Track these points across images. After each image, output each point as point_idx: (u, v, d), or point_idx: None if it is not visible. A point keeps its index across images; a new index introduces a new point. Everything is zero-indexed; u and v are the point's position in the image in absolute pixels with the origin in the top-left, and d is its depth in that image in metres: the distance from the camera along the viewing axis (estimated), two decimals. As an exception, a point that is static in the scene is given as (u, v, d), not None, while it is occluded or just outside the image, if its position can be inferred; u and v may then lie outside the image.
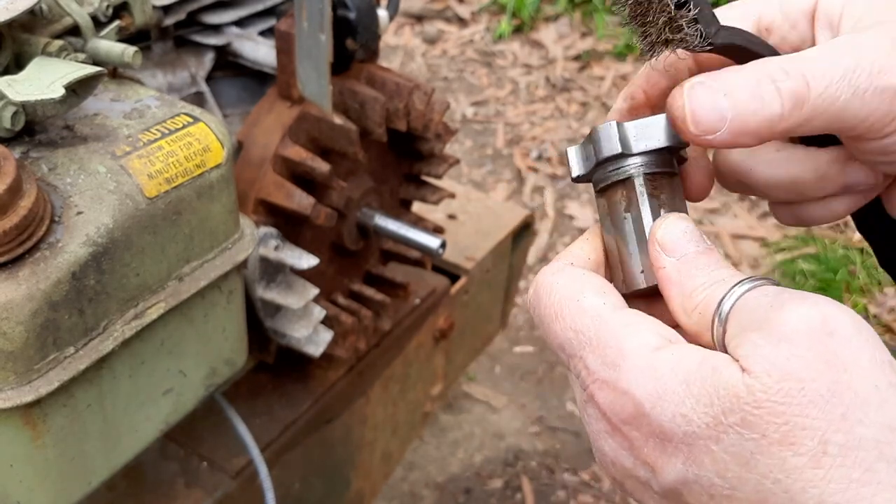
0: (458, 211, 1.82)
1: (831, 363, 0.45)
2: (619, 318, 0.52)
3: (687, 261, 0.52)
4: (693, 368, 0.48)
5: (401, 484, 2.28)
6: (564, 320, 0.53)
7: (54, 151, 0.90)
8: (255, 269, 1.19)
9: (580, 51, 3.93)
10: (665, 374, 0.48)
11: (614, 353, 0.50)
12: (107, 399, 0.94)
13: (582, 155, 0.58)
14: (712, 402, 0.46)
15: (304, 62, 1.15)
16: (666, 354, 0.49)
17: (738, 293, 0.50)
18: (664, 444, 0.48)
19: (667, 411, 0.48)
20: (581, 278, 0.54)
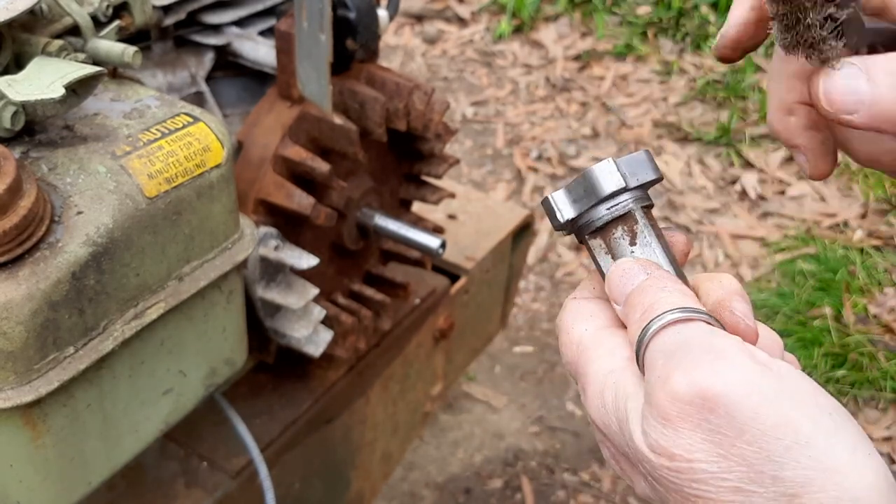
0: (458, 211, 1.82)
1: (717, 441, 0.46)
2: (594, 341, 0.55)
3: (626, 302, 0.55)
4: (620, 408, 0.51)
5: (401, 484, 2.28)
6: (563, 355, 0.58)
7: (54, 151, 0.90)
8: (255, 269, 1.19)
9: (580, 51, 3.93)
10: (608, 405, 0.52)
11: (583, 380, 0.55)
12: (107, 399, 0.94)
13: (570, 198, 0.59)
14: (630, 449, 0.50)
15: (304, 62, 1.15)
16: (611, 381, 0.52)
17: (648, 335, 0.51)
18: (628, 463, 0.52)
19: (614, 439, 0.52)
20: (574, 308, 0.58)
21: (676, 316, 0.51)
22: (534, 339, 2.69)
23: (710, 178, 3.22)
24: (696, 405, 0.46)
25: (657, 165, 0.59)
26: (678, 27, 3.98)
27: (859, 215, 3.05)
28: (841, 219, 3.03)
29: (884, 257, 2.87)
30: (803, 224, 3.02)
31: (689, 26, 3.97)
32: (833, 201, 3.11)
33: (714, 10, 4.01)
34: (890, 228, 2.99)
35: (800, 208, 3.09)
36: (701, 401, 0.46)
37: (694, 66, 3.82)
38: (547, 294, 2.83)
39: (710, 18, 3.98)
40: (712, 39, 3.89)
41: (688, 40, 3.94)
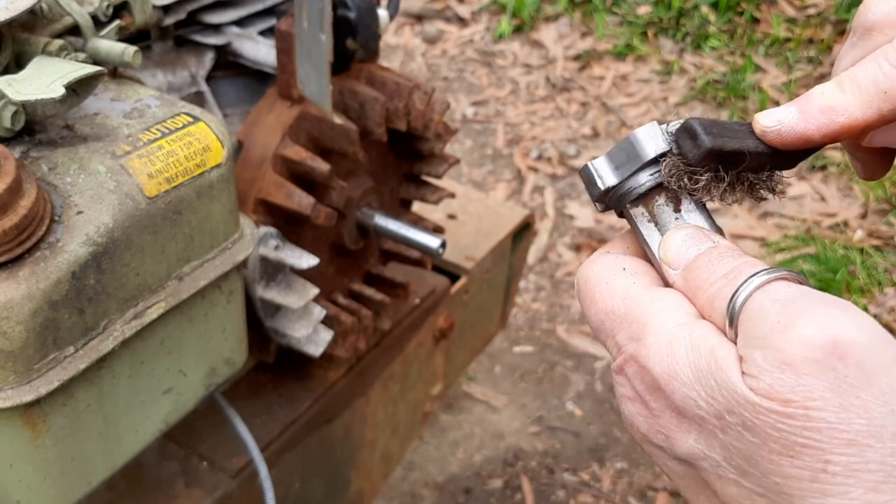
0: (458, 211, 1.82)
1: (841, 390, 0.44)
2: (648, 295, 0.53)
3: (689, 267, 0.53)
4: (703, 356, 0.48)
5: (401, 484, 2.28)
6: (597, 303, 0.54)
7: (54, 151, 0.90)
8: (255, 269, 1.19)
9: (580, 50, 3.93)
10: (679, 355, 0.49)
11: (639, 328, 0.51)
12: (107, 399, 0.94)
13: (611, 164, 0.56)
14: (715, 398, 0.47)
15: (304, 62, 1.15)
16: (684, 333, 0.50)
17: (745, 292, 0.49)
18: (679, 417, 0.50)
19: (678, 391, 0.49)
20: (613, 261, 0.56)
21: (778, 274, 0.49)
22: (534, 339, 2.69)
23: (711, 178, 3.22)
24: (826, 351, 0.44)
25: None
26: (678, 27, 3.98)
27: (859, 215, 3.05)
28: (841, 219, 3.03)
29: (884, 257, 2.87)
30: (803, 224, 3.02)
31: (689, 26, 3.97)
32: (833, 201, 3.11)
33: (714, 9, 4.01)
34: (890, 228, 2.99)
35: (800, 208, 3.09)
36: (832, 347, 0.44)
37: (694, 66, 3.82)
38: (547, 294, 2.83)
39: (711, 18, 3.98)
40: (713, 39, 3.90)
41: (688, 40, 3.94)
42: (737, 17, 3.99)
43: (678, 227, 0.55)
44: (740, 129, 0.54)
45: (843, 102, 0.52)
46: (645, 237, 0.56)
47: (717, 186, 0.54)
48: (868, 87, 0.52)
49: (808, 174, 3.22)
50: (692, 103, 3.63)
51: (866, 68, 0.52)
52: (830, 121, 0.52)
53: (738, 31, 3.93)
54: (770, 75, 3.70)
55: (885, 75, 0.51)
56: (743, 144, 0.53)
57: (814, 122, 0.53)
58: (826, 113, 0.52)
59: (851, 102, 0.52)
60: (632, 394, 0.52)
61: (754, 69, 3.73)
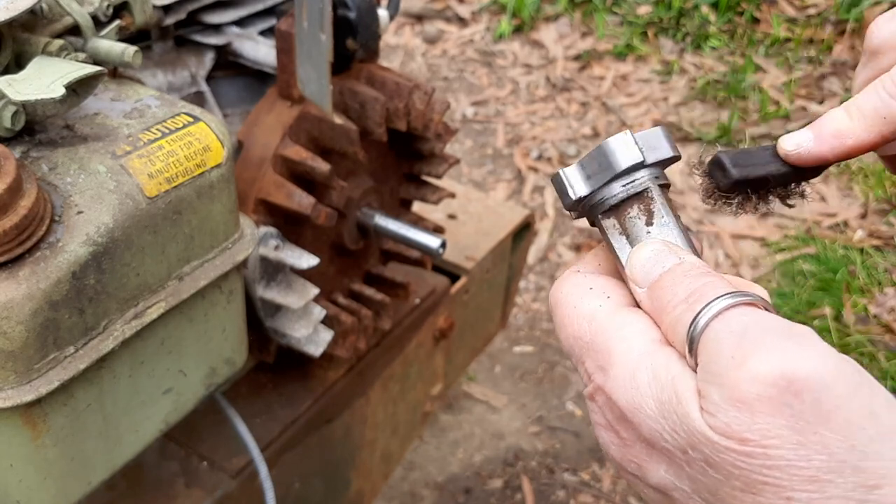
0: (458, 211, 1.82)
1: (798, 427, 0.44)
2: (614, 321, 0.53)
3: (654, 286, 0.53)
4: (665, 388, 0.49)
5: (401, 484, 2.28)
6: (566, 328, 0.55)
7: (54, 151, 0.90)
8: (255, 269, 1.19)
9: (580, 50, 3.93)
10: (642, 387, 0.50)
11: (604, 358, 0.52)
12: (107, 398, 0.94)
13: (583, 174, 0.56)
14: (678, 432, 0.48)
15: (305, 62, 1.15)
16: (647, 363, 0.50)
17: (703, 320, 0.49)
18: (649, 448, 0.50)
19: (644, 423, 0.49)
20: (582, 283, 0.56)
21: (738, 300, 0.49)
22: (534, 339, 2.69)
23: (711, 178, 3.21)
24: (780, 388, 0.44)
25: (674, 143, 0.57)
26: (678, 27, 3.98)
27: (859, 215, 3.05)
28: (841, 219, 3.03)
29: (884, 257, 2.87)
30: (803, 224, 3.02)
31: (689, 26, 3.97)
32: (833, 201, 3.11)
33: (714, 9, 4.01)
34: (890, 228, 2.99)
35: (800, 208, 3.09)
36: (786, 384, 0.44)
37: (694, 66, 3.82)
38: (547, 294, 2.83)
39: (711, 18, 3.98)
40: (713, 39, 3.89)
41: (688, 40, 3.94)
42: (737, 17, 3.99)
43: (645, 243, 0.54)
44: (763, 153, 0.61)
45: (851, 127, 0.60)
46: (616, 250, 0.56)
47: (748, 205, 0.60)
48: (870, 113, 0.59)
49: (809, 174, 3.22)
50: (692, 103, 3.63)
51: (868, 96, 0.59)
52: (841, 143, 0.59)
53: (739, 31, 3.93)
54: (770, 75, 3.70)
55: (884, 103, 0.59)
56: (766, 169, 0.60)
57: (827, 145, 0.60)
58: (837, 137, 0.60)
59: (857, 126, 0.59)
60: (604, 422, 0.53)
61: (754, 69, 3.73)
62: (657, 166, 0.56)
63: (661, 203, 0.56)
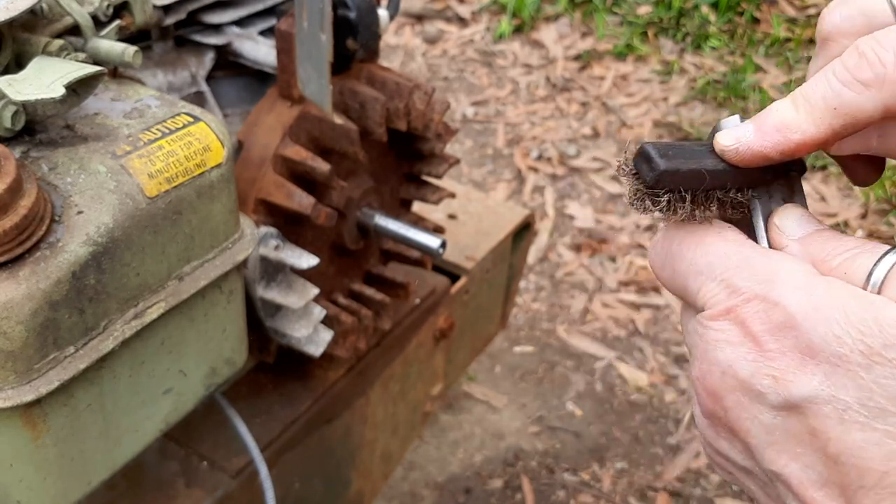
0: (458, 211, 1.82)
1: None
2: (769, 251, 0.51)
3: (808, 238, 0.52)
4: (850, 297, 0.47)
5: (401, 484, 2.28)
6: (707, 246, 0.52)
7: (54, 151, 0.90)
8: (255, 269, 1.19)
9: (580, 51, 3.93)
10: (822, 295, 0.47)
11: (768, 272, 0.49)
12: (107, 399, 0.94)
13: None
14: (871, 332, 0.45)
15: (305, 62, 1.15)
16: (821, 280, 0.48)
17: (891, 262, 0.48)
18: (805, 358, 0.47)
19: (819, 328, 0.47)
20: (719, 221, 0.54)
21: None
22: (534, 339, 2.69)
23: (711, 178, 3.22)
24: None
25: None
26: (678, 27, 3.98)
27: (859, 215, 3.05)
28: (841, 219, 3.04)
29: (884, 257, 2.87)
30: (803, 224, 3.01)
31: (689, 26, 3.97)
32: (833, 201, 3.11)
33: (714, 9, 4.01)
34: (890, 228, 2.99)
35: (800, 208, 3.09)
36: None
37: (694, 66, 3.82)
38: (547, 294, 2.83)
39: (711, 18, 3.98)
40: (713, 39, 3.90)
41: (688, 40, 3.94)
42: (737, 17, 3.99)
43: (795, 206, 0.54)
44: (699, 149, 0.54)
45: (797, 120, 0.52)
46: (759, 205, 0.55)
47: (681, 206, 0.53)
48: (818, 103, 0.51)
49: (808, 174, 3.22)
50: (692, 103, 3.63)
51: (816, 84, 0.52)
52: (786, 138, 0.52)
53: (739, 31, 3.93)
54: (770, 75, 3.71)
55: (833, 91, 0.51)
56: (701, 164, 0.53)
57: (769, 141, 0.52)
58: (781, 131, 0.52)
59: (804, 120, 0.52)
60: (737, 338, 0.49)
61: (754, 69, 3.73)
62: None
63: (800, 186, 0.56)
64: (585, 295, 2.82)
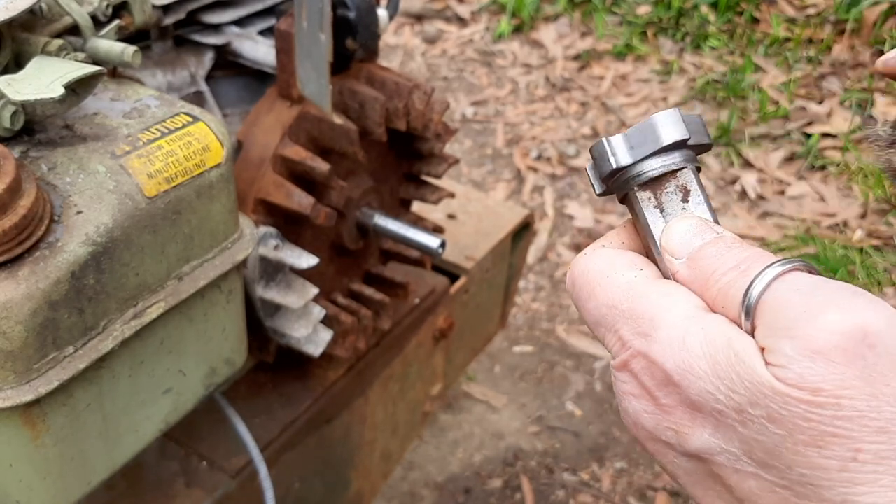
0: (457, 211, 1.82)
1: (871, 379, 0.44)
2: (653, 289, 0.52)
3: (695, 257, 0.52)
4: (720, 349, 0.47)
5: (400, 484, 2.28)
6: (598, 297, 0.53)
7: (54, 151, 0.90)
8: (254, 269, 1.19)
9: (580, 50, 3.93)
10: (694, 349, 0.48)
11: (647, 324, 0.50)
12: (106, 398, 0.94)
13: (627, 144, 0.56)
14: (736, 390, 0.46)
15: (304, 62, 1.15)
16: (696, 326, 0.49)
17: (762, 282, 0.48)
18: (693, 412, 0.49)
19: (694, 385, 0.48)
20: (612, 256, 0.55)
21: (795, 265, 0.48)
22: (534, 339, 2.69)
23: (710, 178, 3.22)
24: (856, 339, 0.44)
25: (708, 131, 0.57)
26: (678, 27, 3.98)
27: (859, 215, 3.05)
28: (841, 219, 3.04)
29: (884, 257, 2.87)
30: (803, 224, 3.02)
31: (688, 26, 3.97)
32: (833, 201, 3.11)
33: (714, 9, 4.01)
34: (890, 228, 2.99)
35: (799, 208, 3.09)
36: (862, 335, 0.44)
37: (694, 66, 3.82)
38: (547, 294, 2.83)
39: (710, 18, 3.98)
40: (712, 39, 3.89)
41: (687, 40, 3.94)
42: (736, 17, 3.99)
43: (682, 217, 0.54)
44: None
45: None
46: (649, 223, 0.56)
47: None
48: None
49: (808, 174, 3.23)
50: (692, 103, 3.63)
51: None
52: None
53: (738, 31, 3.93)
54: (770, 75, 3.70)
55: None
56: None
57: None
58: None
59: None
60: (637, 391, 0.51)
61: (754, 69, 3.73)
62: (695, 149, 0.56)
63: (697, 183, 0.56)
64: (585, 295, 2.82)
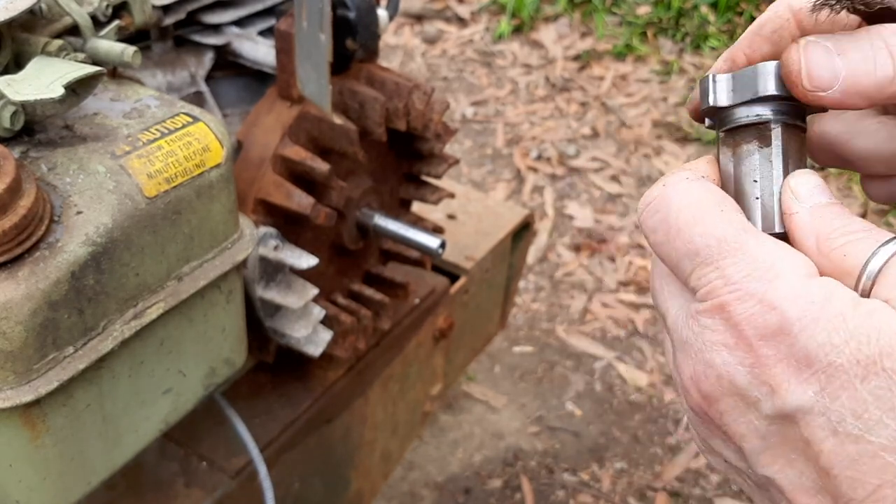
0: (457, 211, 1.82)
1: None
2: (768, 240, 0.50)
3: (819, 208, 0.51)
4: (849, 304, 0.46)
5: (400, 484, 2.28)
6: (706, 225, 0.50)
7: (54, 151, 0.90)
8: (254, 269, 1.19)
9: (580, 51, 3.93)
10: (820, 301, 0.46)
11: (766, 268, 0.48)
12: (106, 399, 0.94)
13: (731, 86, 0.55)
14: (869, 341, 0.44)
15: (304, 62, 1.15)
16: (818, 284, 0.47)
17: (889, 252, 0.47)
18: (800, 367, 0.46)
19: (816, 336, 0.46)
20: (721, 193, 0.52)
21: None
22: (534, 338, 2.69)
23: (710, 178, 3.22)
24: None
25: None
26: (678, 27, 3.98)
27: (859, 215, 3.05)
28: (841, 219, 3.03)
29: (883, 257, 2.87)
30: (803, 224, 3.01)
31: (688, 26, 3.97)
32: (833, 201, 3.11)
33: (713, 10, 4.01)
34: (890, 229, 2.99)
35: (799, 208, 3.09)
36: None
37: (693, 66, 3.82)
38: (546, 294, 2.83)
39: (710, 18, 3.98)
40: (712, 39, 3.90)
41: (687, 40, 3.94)
42: (736, 17, 3.99)
43: (813, 172, 0.53)
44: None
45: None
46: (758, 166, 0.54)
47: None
48: None
49: (808, 174, 3.23)
50: (692, 103, 3.63)
51: None
52: None
53: (738, 32, 3.93)
54: (770, 75, 3.70)
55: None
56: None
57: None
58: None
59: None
60: (731, 340, 0.48)
61: (754, 69, 3.73)
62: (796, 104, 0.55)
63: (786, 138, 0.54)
64: (585, 295, 2.82)
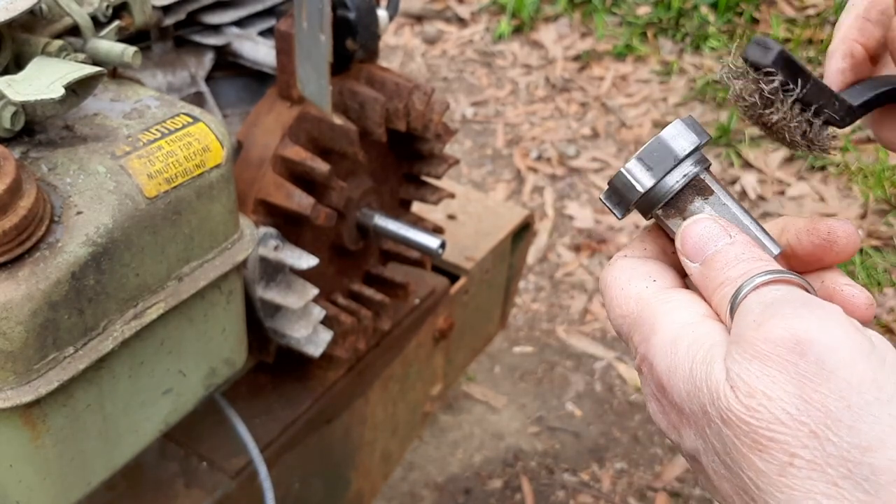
0: (457, 211, 1.82)
1: (801, 383, 0.47)
2: (659, 297, 0.56)
3: (707, 263, 0.56)
4: (700, 354, 0.51)
5: (400, 484, 2.28)
6: (614, 308, 0.59)
7: (54, 151, 0.90)
8: (254, 269, 1.19)
9: (580, 51, 3.93)
10: (680, 352, 0.52)
11: (648, 329, 0.55)
12: (106, 399, 0.94)
13: (645, 165, 0.58)
14: (701, 393, 0.50)
15: (304, 62, 1.15)
16: (688, 331, 0.53)
17: (743, 293, 0.52)
18: (681, 414, 0.53)
19: (676, 387, 0.52)
20: (629, 267, 0.60)
21: (776, 276, 0.52)
22: (534, 339, 2.69)
23: (710, 179, 3.22)
24: (788, 347, 0.47)
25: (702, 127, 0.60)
26: (678, 27, 3.98)
27: (859, 215, 3.05)
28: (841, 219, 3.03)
29: (883, 257, 2.87)
30: (803, 224, 3.01)
31: (688, 26, 3.97)
32: (832, 202, 3.11)
33: (714, 10, 4.01)
34: (890, 229, 2.99)
35: (799, 208, 3.09)
36: (793, 344, 0.47)
37: (693, 67, 3.82)
38: (547, 294, 2.83)
39: (710, 18, 3.98)
40: (712, 40, 3.89)
41: (687, 40, 3.94)
42: (736, 18, 3.99)
43: (696, 220, 0.57)
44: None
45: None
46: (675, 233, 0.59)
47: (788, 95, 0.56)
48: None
49: (808, 174, 3.23)
50: (692, 103, 3.63)
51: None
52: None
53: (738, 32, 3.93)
54: (770, 75, 3.70)
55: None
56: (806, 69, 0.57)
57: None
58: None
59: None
60: (650, 392, 0.56)
61: (754, 69, 3.73)
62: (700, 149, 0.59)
63: (713, 179, 0.58)
64: (585, 295, 2.82)
